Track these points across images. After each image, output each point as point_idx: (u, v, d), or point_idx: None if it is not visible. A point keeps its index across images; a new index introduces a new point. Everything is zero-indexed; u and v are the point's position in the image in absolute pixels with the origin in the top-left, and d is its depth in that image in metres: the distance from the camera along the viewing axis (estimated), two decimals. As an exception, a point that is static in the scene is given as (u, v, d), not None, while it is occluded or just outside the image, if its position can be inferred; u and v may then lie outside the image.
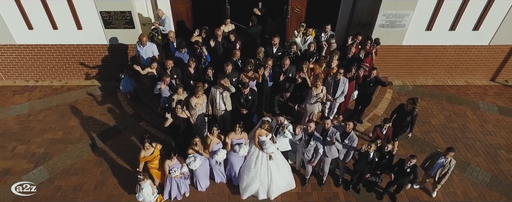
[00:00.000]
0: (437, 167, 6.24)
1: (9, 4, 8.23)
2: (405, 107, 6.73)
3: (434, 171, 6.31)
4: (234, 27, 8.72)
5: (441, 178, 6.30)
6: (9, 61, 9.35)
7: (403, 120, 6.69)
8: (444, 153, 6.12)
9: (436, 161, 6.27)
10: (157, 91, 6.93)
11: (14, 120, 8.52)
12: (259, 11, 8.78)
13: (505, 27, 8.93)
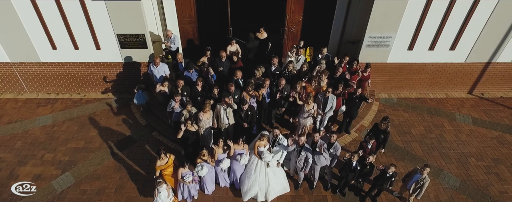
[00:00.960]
0: (412, 181, 7.26)
1: (36, 27, 9.28)
2: (379, 126, 7.77)
3: (410, 184, 7.33)
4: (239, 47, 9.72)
5: (414, 190, 7.29)
6: (34, 76, 10.40)
7: (378, 137, 7.69)
8: (421, 170, 7.11)
9: (414, 176, 7.30)
10: (170, 109, 7.99)
11: (40, 130, 9.57)
12: (261, 34, 9.80)
13: (478, 47, 9.98)
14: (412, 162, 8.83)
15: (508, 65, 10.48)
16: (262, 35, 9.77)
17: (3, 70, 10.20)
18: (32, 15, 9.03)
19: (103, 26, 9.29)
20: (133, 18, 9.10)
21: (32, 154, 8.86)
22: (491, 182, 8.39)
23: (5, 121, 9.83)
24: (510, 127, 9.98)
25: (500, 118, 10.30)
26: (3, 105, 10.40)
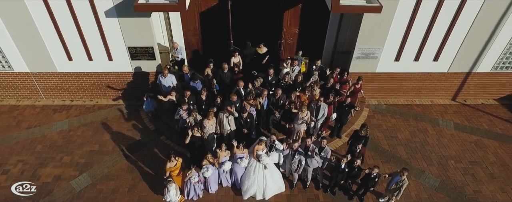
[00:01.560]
0: (393, 182, 8.13)
1: (54, 40, 10.14)
2: (359, 133, 8.65)
3: (391, 185, 8.19)
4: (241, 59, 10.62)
5: (394, 190, 8.16)
6: (51, 84, 11.28)
7: (359, 143, 8.55)
8: (401, 172, 7.98)
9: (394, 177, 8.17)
10: (178, 116, 8.87)
11: (57, 135, 10.46)
12: (260, 50, 10.69)
13: (459, 59, 10.87)
14: (397, 164, 9.72)
15: (487, 74, 11.36)
16: (262, 50, 10.66)
17: (22, 79, 11.07)
18: (51, 30, 9.90)
19: (115, 39, 10.17)
20: (143, 33, 9.98)
21: (51, 157, 9.75)
22: (467, 182, 9.29)
23: (25, 126, 10.72)
24: (488, 131, 10.87)
25: (479, 123, 11.19)
26: (22, 111, 11.29)
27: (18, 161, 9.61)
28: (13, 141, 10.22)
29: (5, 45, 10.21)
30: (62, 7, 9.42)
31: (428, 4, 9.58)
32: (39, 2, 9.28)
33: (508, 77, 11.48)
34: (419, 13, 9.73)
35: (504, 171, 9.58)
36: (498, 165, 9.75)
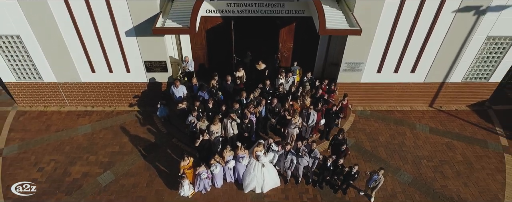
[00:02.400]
0: (372, 180, 9.65)
1: (80, 55, 11.69)
2: (338, 136, 10.20)
3: (370, 183, 9.71)
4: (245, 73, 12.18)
5: (374, 188, 9.70)
6: (75, 93, 12.83)
7: (340, 145, 10.08)
8: (377, 171, 9.50)
9: (373, 176, 9.69)
10: (188, 122, 10.42)
11: (82, 137, 12.01)
12: (259, 66, 12.25)
13: (433, 71, 12.41)
14: (377, 163, 11.27)
15: (459, 84, 12.90)
16: (261, 67, 12.23)
17: (51, 88, 12.62)
18: (77, 46, 11.44)
19: (133, 55, 11.72)
20: (157, 49, 11.53)
21: (79, 156, 11.30)
22: (436, 178, 10.84)
23: (54, 130, 12.27)
24: (458, 134, 12.42)
25: (451, 127, 12.74)
26: (50, 116, 12.84)
27: (50, 160, 11.17)
28: (45, 142, 11.78)
29: (37, 59, 11.74)
30: (88, 27, 10.96)
31: (404, 24, 11.12)
32: (69, 22, 10.82)
33: (477, 86, 13.02)
34: (396, 32, 11.28)
35: (468, 169, 11.14)
36: (463, 164, 11.31)
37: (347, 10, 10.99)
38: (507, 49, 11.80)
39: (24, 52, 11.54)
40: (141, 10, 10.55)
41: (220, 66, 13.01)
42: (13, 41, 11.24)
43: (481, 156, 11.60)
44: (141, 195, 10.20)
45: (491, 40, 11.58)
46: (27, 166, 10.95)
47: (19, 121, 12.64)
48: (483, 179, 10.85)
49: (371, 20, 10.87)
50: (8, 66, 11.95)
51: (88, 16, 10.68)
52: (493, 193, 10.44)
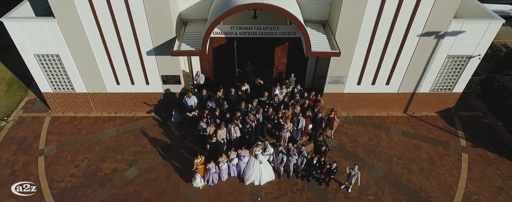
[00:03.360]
0: (352, 176, 11.92)
1: (108, 70, 13.96)
2: (318, 138, 12.49)
3: (350, 179, 11.98)
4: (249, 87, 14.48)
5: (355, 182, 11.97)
6: (101, 101, 15.10)
7: (320, 146, 12.36)
8: (353, 167, 11.77)
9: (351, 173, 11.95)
10: (199, 128, 12.70)
11: (109, 139, 14.29)
12: (258, 82, 14.53)
13: (405, 83, 14.68)
14: (355, 161, 13.51)
15: (427, 94, 15.17)
16: (259, 83, 14.49)
17: (82, 97, 14.89)
18: (106, 62, 13.70)
19: (152, 70, 14.00)
20: (172, 65, 13.81)
21: (107, 155, 13.58)
22: (403, 173, 13.12)
23: (84, 133, 14.55)
24: (426, 137, 14.70)
25: (420, 130, 15.02)
26: (80, 121, 15.12)
27: (84, 158, 13.46)
28: (78, 143, 14.06)
29: (71, 74, 14.01)
30: (116, 47, 13.24)
31: (378, 45, 13.39)
32: (100, 44, 13.09)
33: (443, 96, 15.28)
34: (372, 51, 13.55)
35: (431, 166, 13.42)
36: (427, 161, 13.59)
37: (330, 34, 13.27)
38: (464, 66, 14.09)
39: (61, 68, 13.82)
40: (160, 34, 12.84)
41: (225, 79, 15.32)
42: (53, 59, 13.52)
43: (442, 155, 13.88)
44: (161, 186, 12.48)
45: (451, 58, 13.86)
46: (65, 163, 13.24)
47: (54, 125, 14.91)
48: (442, 174, 13.14)
49: (350, 42, 13.16)
50: (47, 79, 14.22)
51: (116, 39, 12.96)
52: (448, 185, 12.72)
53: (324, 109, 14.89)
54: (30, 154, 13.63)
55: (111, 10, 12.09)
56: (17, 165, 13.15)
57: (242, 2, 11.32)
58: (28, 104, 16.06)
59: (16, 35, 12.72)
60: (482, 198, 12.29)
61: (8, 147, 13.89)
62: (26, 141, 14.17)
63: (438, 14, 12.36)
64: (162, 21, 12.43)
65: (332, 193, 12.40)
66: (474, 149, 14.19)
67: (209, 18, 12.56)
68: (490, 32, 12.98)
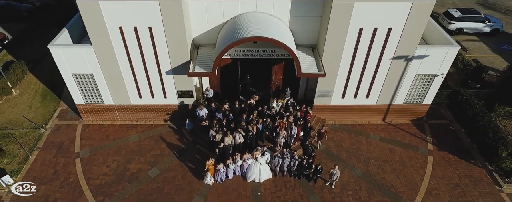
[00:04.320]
0: (333, 175, 14.66)
1: (132, 85, 16.69)
2: (305, 143, 15.23)
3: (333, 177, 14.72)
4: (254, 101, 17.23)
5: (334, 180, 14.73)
6: (125, 111, 17.84)
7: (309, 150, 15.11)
8: (334, 167, 14.51)
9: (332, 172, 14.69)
10: (210, 135, 15.43)
11: (133, 144, 17.02)
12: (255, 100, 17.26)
13: (382, 96, 17.40)
14: (338, 162, 16.23)
15: (401, 105, 17.88)
16: (255, 99, 17.24)
17: (109, 109, 17.62)
18: (131, 79, 16.41)
19: (170, 86, 16.73)
20: (187, 82, 16.54)
21: (132, 157, 16.32)
22: (378, 172, 15.86)
23: (112, 139, 17.28)
24: (399, 142, 17.42)
25: (395, 136, 17.75)
26: (107, 129, 17.85)
27: (113, 160, 16.20)
28: (107, 147, 16.79)
29: (101, 89, 16.73)
30: (140, 67, 15.96)
31: (358, 65, 16.09)
32: (127, 65, 15.81)
33: (414, 107, 17.99)
34: (353, 70, 16.26)
35: (401, 166, 16.14)
36: (399, 163, 16.32)
37: (318, 56, 16.00)
38: (431, 82, 16.81)
39: (93, 85, 16.56)
40: (177, 57, 15.56)
41: (230, 93, 18.06)
42: (88, 77, 16.25)
43: (412, 157, 16.62)
44: (178, 183, 15.23)
45: (419, 77, 16.59)
46: (98, 164, 15.98)
47: (86, 132, 17.66)
48: (410, 173, 15.87)
49: (334, 63, 15.87)
50: (81, 93, 16.96)
51: (141, 61, 15.68)
52: (414, 182, 15.46)
53: (313, 118, 17.62)
54: (68, 156, 16.38)
55: (138, 39, 14.83)
56: (59, 166, 15.90)
57: (245, 35, 14.04)
58: (61, 113, 18.81)
59: (58, 58, 15.43)
60: (441, 193, 15.04)
61: (49, 150, 16.65)
62: (63, 145, 16.91)
63: (405, 43, 15.09)
64: (179, 47, 15.15)
65: (319, 189, 15.14)
66: (439, 152, 16.94)
67: (218, 47, 15.31)
68: (449, 56, 15.71)
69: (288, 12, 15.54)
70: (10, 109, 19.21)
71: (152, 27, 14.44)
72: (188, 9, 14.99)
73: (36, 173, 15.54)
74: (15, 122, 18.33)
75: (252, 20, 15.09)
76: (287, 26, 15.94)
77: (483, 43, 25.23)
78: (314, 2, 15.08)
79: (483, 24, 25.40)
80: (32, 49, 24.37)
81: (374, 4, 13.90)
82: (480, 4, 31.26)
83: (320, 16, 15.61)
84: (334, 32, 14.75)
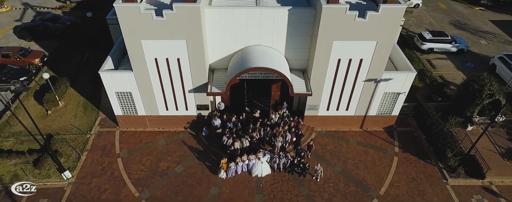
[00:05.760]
0: (317, 170, 19.17)
1: (161, 100, 21.21)
2: (297, 147, 19.75)
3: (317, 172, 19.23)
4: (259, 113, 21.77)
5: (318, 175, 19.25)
6: (154, 120, 22.36)
7: (300, 152, 19.64)
8: (317, 165, 19.02)
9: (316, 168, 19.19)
10: (223, 141, 19.95)
11: (161, 147, 21.53)
12: (257, 113, 21.80)
13: (358, 109, 21.92)
14: (323, 162, 20.74)
15: (375, 116, 22.39)
16: (257, 113, 21.79)
17: (141, 118, 22.13)
18: (161, 96, 20.94)
19: (191, 101, 21.26)
20: (204, 98, 21.06)
21: (162, 157, 20.83)
22: (354, 169, 20.37)
23: (144, 142, 21.79)
24: (372, 145, 21.92)
25: (370, 141, 22.26)
26: (140, 134, 22.36)
27: (147, 159, 20.71)
28: (141, 149, 21.31)
29: (137, 103, 21.25)
30: (169, 87, 20.47)
31: (338, 86, 20.61)
32: (158, 84, 20.34)
33: (386, 117, 22.49)
34: (334, 89, 20.78)
35: (372, 165, 20.65)
36: (370, 162, 20.83)
37: (307, 78, 20.53)
38: (396, 98, 21.30)
39: (131, 100, 21.07)
40: (198, 79, 20.06)
41: (237, 106, 22.60)
42: (126, 95, 20.77)
43: (381, 158, 21.14)
44: (199, 177, 19.75)
45: (387, 94, 21.09)
46: (135, 163, 20.50)
47: (123, 137, 22.18)
48: (379, 170, 20.38)
49: (320, 83, 20.36)
50: (120, 106, 21.46)
51: (169, 82, 20.20)
52: (381, 177, 19.97)
53: (304, 127, 22.12)
54: (111, 156, 20.90)
55: (168, 66, 19.35)
56: (105, 164, 20.43)
57: (251, 65, 18.53)
58: (101, 122, 23.32)
59: (106, 80, 19.90)
60: (400, 185, 19.57)
61: (95, 152, 21.18)
62: (106, 148, 21.44)
63: (374, 69, 19.60)
64: (200, 72, 19.67)
65: (307, 182, 19.67)
66: (403, 153, 21.46)
67: (229, 72, 19.84)
68: (408, 79, 20.22)
69: (284, 44, 20.06)
70: (59, 117, 23.72)
71: (179, 58, 18.97)
72: (207, 43, 19.51)
73: (87, 170, 20.09)
74: (64, 129, 22.83)
75: (256, 51, 19.62)
76: (283, 55, 20.46)
77: (450, 61, 29.74)
78: (304, 38, 19.59)
79: (450, 45, 29.90)
80: (68, 65, 28.92)
81: (348, 42, 18.42)
82: (453, 24, 35.78)
83: (308, 48, 20.13)
84: (319, 61, 19.25)
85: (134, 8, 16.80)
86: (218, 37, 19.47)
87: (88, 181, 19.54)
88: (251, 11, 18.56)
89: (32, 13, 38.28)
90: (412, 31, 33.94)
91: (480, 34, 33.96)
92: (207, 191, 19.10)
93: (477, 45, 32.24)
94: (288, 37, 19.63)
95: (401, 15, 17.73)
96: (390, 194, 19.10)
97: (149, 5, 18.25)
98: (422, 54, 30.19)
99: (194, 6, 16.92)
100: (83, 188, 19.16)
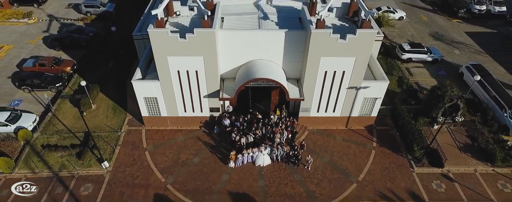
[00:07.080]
0: (308, 160, 23.74)
1: (181, 103, 25.79)
2: (292, 143, 24.36)
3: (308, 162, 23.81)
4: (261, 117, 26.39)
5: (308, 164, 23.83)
6: (174, 120, 26.91)
7: (294, 147, 24.23)
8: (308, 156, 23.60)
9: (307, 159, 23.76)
10: (232, 137, 24.53)
11: (180, 142, 26.14)
12: (260, 115, 26.40)
13: (343, 110, 26.49)
14: (313, 154, 25.31)
15: (357, 117, 26.94)
16: (259, 116, 26.43)
17: (163, 119, 26.69)
18: (180, 100, 25.51)
19: (205, 104, 25.83)
20: (216, 102, 25.64)
21: (181, 151, 25.40)
22: (338, 160, 24.95)
23: (166, 138, 26.36)
24: (355, 141, 26.48)
25: (353, 137, 26.83)
26: (162, 132, 26.93)
27: (169, 152, 25.29)
28: (164, 145, 25.88)
29: (161, 106, 25.83)
30: (187, 93, 25.07)
31: (325, 93, 25.21)
32: (179, 91, 24.93)
33: (366, 118, 27.05)
34: (323, 95, 25.37)
35: (354, 157, 25.21)
36: (352, 155, 25.38)
37: (300, 86, 25.12)
38: (374, 102, 25.89)
39: (156, 103, 25.66)
40: (211, 87, 24.66)
41: (243, 108, 27.21)
42: (153, 100, 25.37)
43: (361, 151, 25.72)
44: (212, 166, 24.34)
45: (366, 99, 25.68)
46: (160, 155, 25.08)
47: (148, 134, 26.76)
48: (359, 161, 24.95)
49: (310, 90, 24.93)
50: (146, 108, 26.05)
51: (188, 89, 24.80)
52: (361, 166, 24.54)
53: (298, 126, 26.72)
54: (140, 150, 25.48)
55: (188, 77, 23.93)
56: (135, 156, 25.03)
57: (255, 76, 23.11)
58: (129, 122, 27.90)
59: (136, 88, 24.50)
60: (375, 173, 24.16)
61: (127, 147, 25.76)
62: (135, 143, 26.03)
63: (354, 79, 24.17)
64: (213, 81, 24.27)
65: (300, 170, 24.27)
66: (380, 148, 26.05)
67: (237, 81, 24.42)
68: (383, 87, 24.83)
69: (281, 59, 24.64)
70: (93, 118, 28.30)
71: (197, 70, 23.58)
72: (219, 58, 24.08)
73: (121, 160, 24.68)
74: (99, 127, 27.39)
75: (258, 64, 24.20)
76: (281, 67, 25.05)
77: (426, 69, 34.30)
78: (297, 53, 24.14)
79: (426, 55, 34.48)
80: (95, 73, 33.46)
81: (333, 58, 22.99)
82: (432, 35, 40.34)
83: (301, 61, 24.73)
84: (310, 72, 23.84)
85: (164, 33, 21.40)
86: (228, 53, 24.05)
87: (122, 169, 24.13)
88: (255, 33, 23.19)
89: (57, 24, 42.67)
90: (395, 42, 38.54)
91: (455, 44, 38.54)
92: (219, 177, 23.68)
93: (451, 54, 36.83)
94: (285, 53, 24.20)
95: (373, 38, 22.32)
96: (367, 180, 23.70)
97: (173, 28, 22.87)
98: (402, 63, 34.77)
99: (211, 31, 21.53)
100: (119, 175, 23.75)
